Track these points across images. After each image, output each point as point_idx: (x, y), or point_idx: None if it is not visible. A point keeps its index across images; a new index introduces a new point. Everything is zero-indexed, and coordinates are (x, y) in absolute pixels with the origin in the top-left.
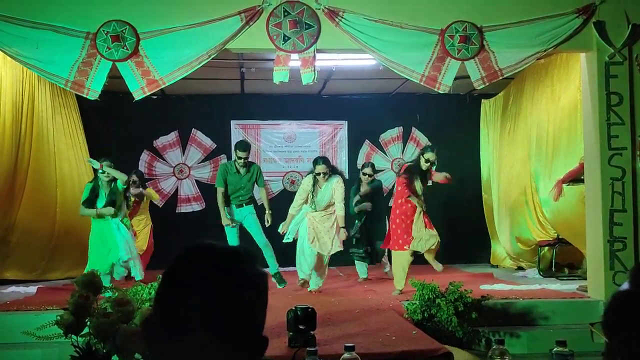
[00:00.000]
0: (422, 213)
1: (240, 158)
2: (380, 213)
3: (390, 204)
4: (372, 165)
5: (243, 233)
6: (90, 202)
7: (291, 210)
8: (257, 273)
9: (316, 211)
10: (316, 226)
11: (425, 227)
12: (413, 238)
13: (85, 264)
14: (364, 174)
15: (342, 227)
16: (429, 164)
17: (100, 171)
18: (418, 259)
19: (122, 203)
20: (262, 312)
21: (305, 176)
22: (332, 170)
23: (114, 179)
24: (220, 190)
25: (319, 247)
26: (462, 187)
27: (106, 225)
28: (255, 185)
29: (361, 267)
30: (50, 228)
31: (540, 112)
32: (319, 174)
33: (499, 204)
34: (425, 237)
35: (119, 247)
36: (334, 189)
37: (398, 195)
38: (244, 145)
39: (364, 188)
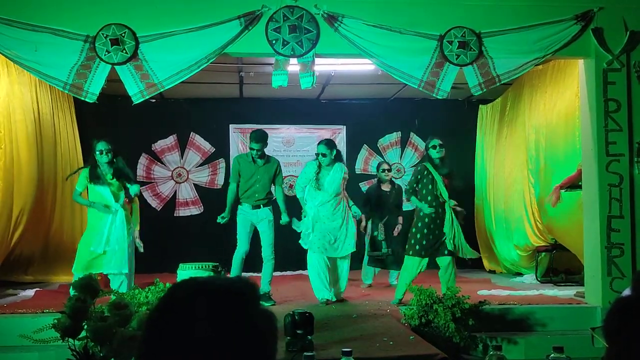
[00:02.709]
0: (441, 220)
1: (252, 149)
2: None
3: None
4: (388, 163)
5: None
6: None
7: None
8: (265, 322)
9: (323, 199)
10: (324, 226)
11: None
12: (425, 247)
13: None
14: (384, 170)
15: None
16: (437, 149)
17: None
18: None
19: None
20: None
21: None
22: (337, 156)
23: (113, 160)
24: (232, 185)
25: (330, 252)
26: (460, 192)
27: (101, 216)
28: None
29: (369, 272)
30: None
31: (538, 117)
32: (317, 154)
33: (496, 209)
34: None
35: (102, 238)
36: (343, 177)
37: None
38: (258, 136)
39: (388, 186)
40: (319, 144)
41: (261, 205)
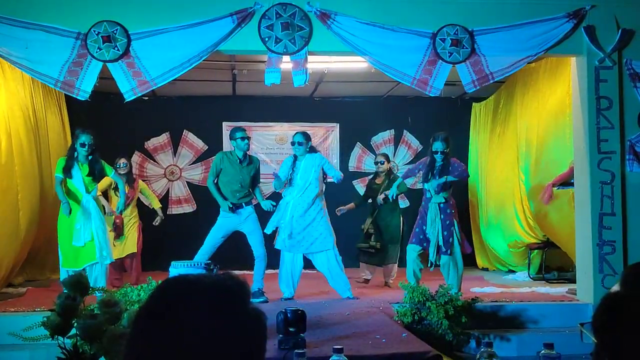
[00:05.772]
0: (440, 215)
1: (244, 140)
2: (395, 212)
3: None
4: (386, 155)
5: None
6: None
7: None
8: (254, 320)
9: (295, 195)
10: (293, 220)
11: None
12: (417, 234)
13: None
14: (376, 163)
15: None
16: (438, 154)
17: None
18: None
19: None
20: None
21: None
22: (312, 148)
23: (94, 152)
24: (210, 180)
25: (289, 247)
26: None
27: (74, 207)
28: None
29: (364, 266)
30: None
31: (530, 115)
32: (293, 143)
33: (488, 207)
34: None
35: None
36: (320, 165)
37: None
38: (241, 129)
39: (381, 179)
40: (295, 134)
41: (243, 204)
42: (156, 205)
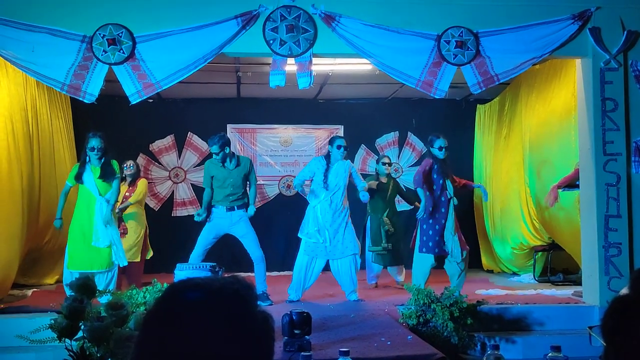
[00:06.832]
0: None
1: (214, 154)
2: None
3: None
4: (388, 157)
5: (228, 241)
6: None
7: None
8: (262, 323)
9: (322, 199)
10: (324, 227)
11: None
12: (438, 243)
13: None
14: (384, 164)
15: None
16: (443, 150)
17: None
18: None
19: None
20: None
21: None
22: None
23: (105, 155)
24: (207, 190)
25: (318, 252)
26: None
27: (89, 209)
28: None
29: (371, 271)
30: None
31: (534, 117)
32: (340, 147)
33: (493, 209)
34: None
35: (92, 234)
36: (350, 171)
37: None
38: (212, 140)
39: (385, 179)
40: (337, 137)
41: (235, 207)
42: (133, 199)
